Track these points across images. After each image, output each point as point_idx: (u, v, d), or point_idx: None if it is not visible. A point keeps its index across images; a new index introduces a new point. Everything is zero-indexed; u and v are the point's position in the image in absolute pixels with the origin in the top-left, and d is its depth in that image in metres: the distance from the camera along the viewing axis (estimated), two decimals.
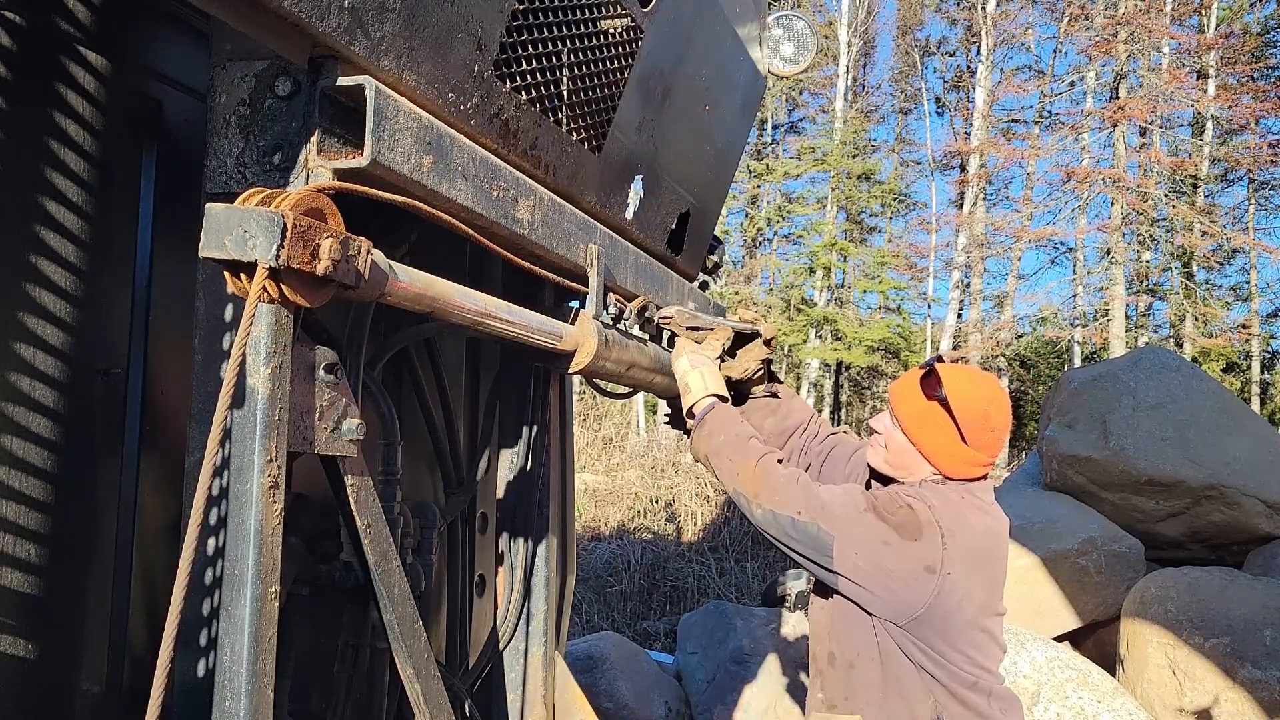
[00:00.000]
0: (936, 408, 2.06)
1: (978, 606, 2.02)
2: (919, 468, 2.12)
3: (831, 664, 2.15)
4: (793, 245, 26.83)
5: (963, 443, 2.05)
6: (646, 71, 2.19)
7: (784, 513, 2.02)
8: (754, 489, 2.07)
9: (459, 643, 2.28)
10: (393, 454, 1.79)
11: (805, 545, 2.01)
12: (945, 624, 1.99)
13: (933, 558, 1.94)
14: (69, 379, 1.48)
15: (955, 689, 2.00)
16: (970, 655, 2.02)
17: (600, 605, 9.29)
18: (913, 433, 2.10)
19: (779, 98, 26.86)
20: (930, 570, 1.94)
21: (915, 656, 2.01)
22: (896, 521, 1.97)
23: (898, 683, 2.02)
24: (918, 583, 1.95)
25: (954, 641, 2.01)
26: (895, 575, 1.95)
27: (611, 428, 16.70)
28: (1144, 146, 21.87)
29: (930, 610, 1.96)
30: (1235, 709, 5.04)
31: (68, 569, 1.49)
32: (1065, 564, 5.96)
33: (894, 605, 1.98)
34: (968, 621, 2.02)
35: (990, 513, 2.09)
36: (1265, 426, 7.03)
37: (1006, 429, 2.13)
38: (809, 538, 1.99)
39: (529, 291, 2.25)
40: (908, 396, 2.13)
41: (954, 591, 1.96)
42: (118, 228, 1.58)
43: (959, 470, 2.09)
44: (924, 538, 1.95)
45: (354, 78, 1.33)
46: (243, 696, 1.22)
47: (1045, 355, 25.52)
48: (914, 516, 1.97)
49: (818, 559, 2.01)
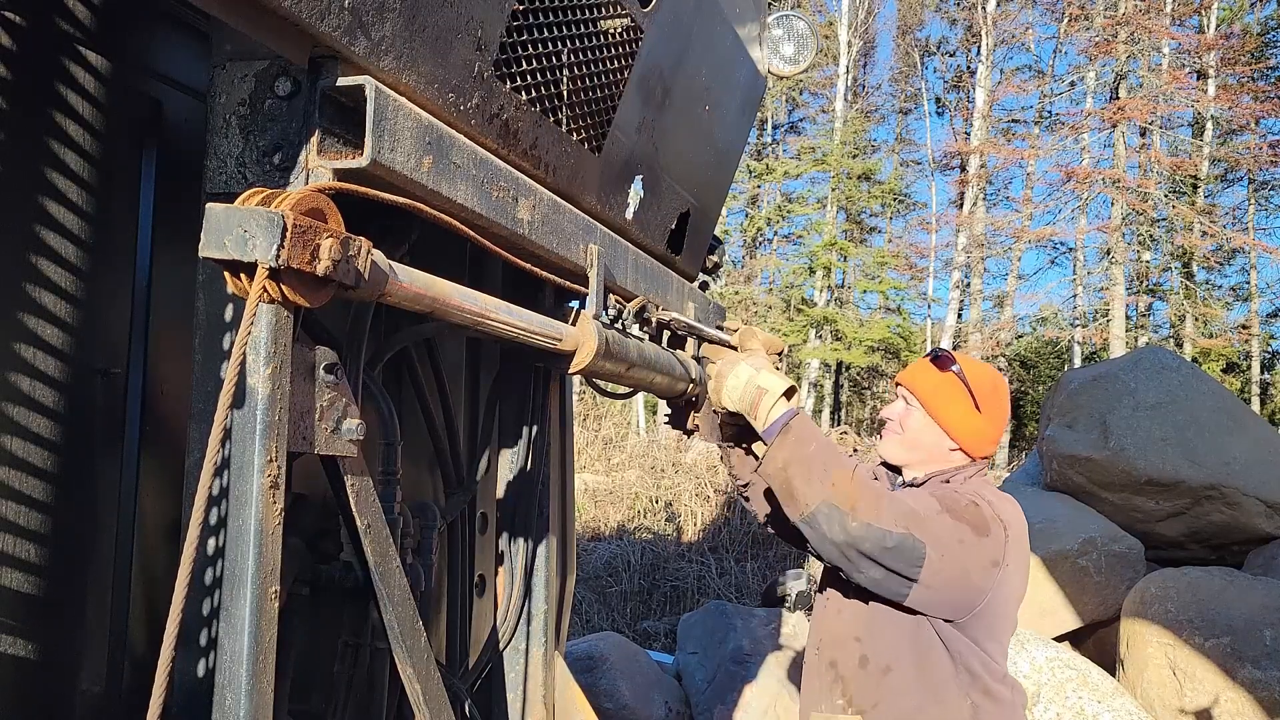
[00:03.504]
0: (952, 378, 2.17)
1: (1018, 596, 2.09)
2: (939, 445, 2.17)
3: (863, 667, 2.09)
4: (793, 245, 26.86)
5: (977, 411, 2.14)
6: (646, 72, 2.19)
7: (880, 525, 1.88)
8: (852, 501, 1.90)
9: (459, 643, 2.28)
10: (393, 454, 1.79)
11: (896, 559, 1.89)
12: (995, 616, 2.03)
13: (997, 552, 1.99)
14: (69, 379, 1.48)
15: (990, 685, 2.02)
16: (1003, 645, 2.09)
17: (600, 605, 9.29)
18: (932, 405, 2.17)
19: (779, 98, 26.86)
20: (995, 564, 1.98)
21: (961, 655, 2.00)
22: (969, 519, 1.99)
23: (934, 688, 2.01)
24: (983, 577, 1.97)
25: (997, 634, 2.06)
26: (970, 573, 1.97)
27: (611, 428, 16.70)
28: (1144, 147, 21.88)
29: (988, 604, 1.99)
30: (1235, 709, 5.04)
31: (68, 569, 1.49)
32: (1065, 564, 5.96)
33: (959, 603, 1.98)
34: (1010, 611, 2.08)
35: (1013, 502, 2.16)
36: (1265, 427, 7.03)
37: (1009, 405, 2.26)
38: (903, 550, 1.89)
39: (529, 291, 2.25)
40: (923, 374, 2.22)
41: (1007, 583, 2.01)
42: (118, 228, 1.58)
43: (976, 445, 2.17)
44: (992, 533, 1.99)
45: (354, 78, 1.33)
46: (243, 696, 1.22)
47: (1045, 355, 25.54)
48: (980, 513, 2.00)
49: (904, 571, 1.91)
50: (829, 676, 2.15)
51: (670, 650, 7.20)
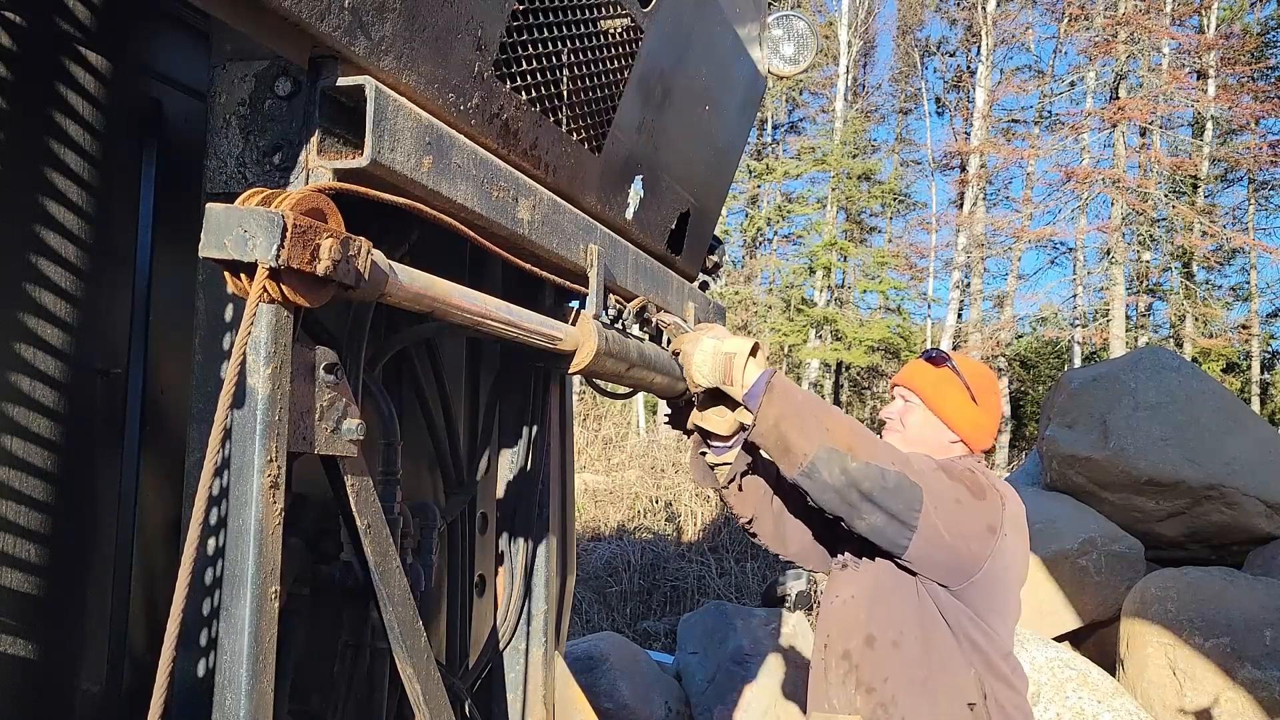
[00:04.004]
0: (948, 373, 2.24)
1: (1018, 574, 2.12)
2: (940, 438, 2.22)
3: (871, 646, 2.09)
4: (793, 245, 26.85)
5: (974, 404, 2.21)
6: (646, 72, 2.19)
7: (878, 464, 1.90)
8: (849, 442, 1.92)
9: (459, 643, 2.28)
10: (393, 454, 1.79)
11: (895, 499, 1.91)
12: (994, 587, 2.04)
13: (994, 517, 2.02)
14: (69, 379, 1.48)
15: (993, 660, 2.04)
16: (1008, 623, 2.11)
17: (600, 605, 9.29)
18: (933, 399, 2.22)
19: (779, 98, 26.86)
20: (992, 530, 2.01)
21: (961, 625, 2.02)
22: (966, 482, 2.03)
23: (942, 658, 2.02)
24: (980, 543, 2.00)
25: (998, 607, 2.07)
26: (965, 535, 1.99)
27: (611, 428, 16.71)
28: (1144, 147, 21.87)
29: (985, 572, 2.01)
30: (1235, 709, 5.04)
31: (68, 569, 1.49)
32: (1065, 564, 5.96)
33: (956, 566, 2.00)
34: (1010, 587, 2.10)
35: (1011, 488, 2.20)
36: (1265, 427, 7.03)
37: (1001, 400, 2.37)
38: (902, 490, 1.90)
39: (529, 291, 2.25)
40: (919, 372, 2.28)
41: (1005, 553, 2.03)
42: (118, 228, 1.58)
43: (975, 437, 2.23)
44: (988, 498, 2.03)
45: (354, 78, 1.33)
46: (243, 696, 1.22)
47: (1045, 355, 25.53)
48: (976, 479, 2.06)
49: (902, 515, 1.92)
50: (843, 668, 2.14)
51: (670, 650, 7.20)
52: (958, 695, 2.00)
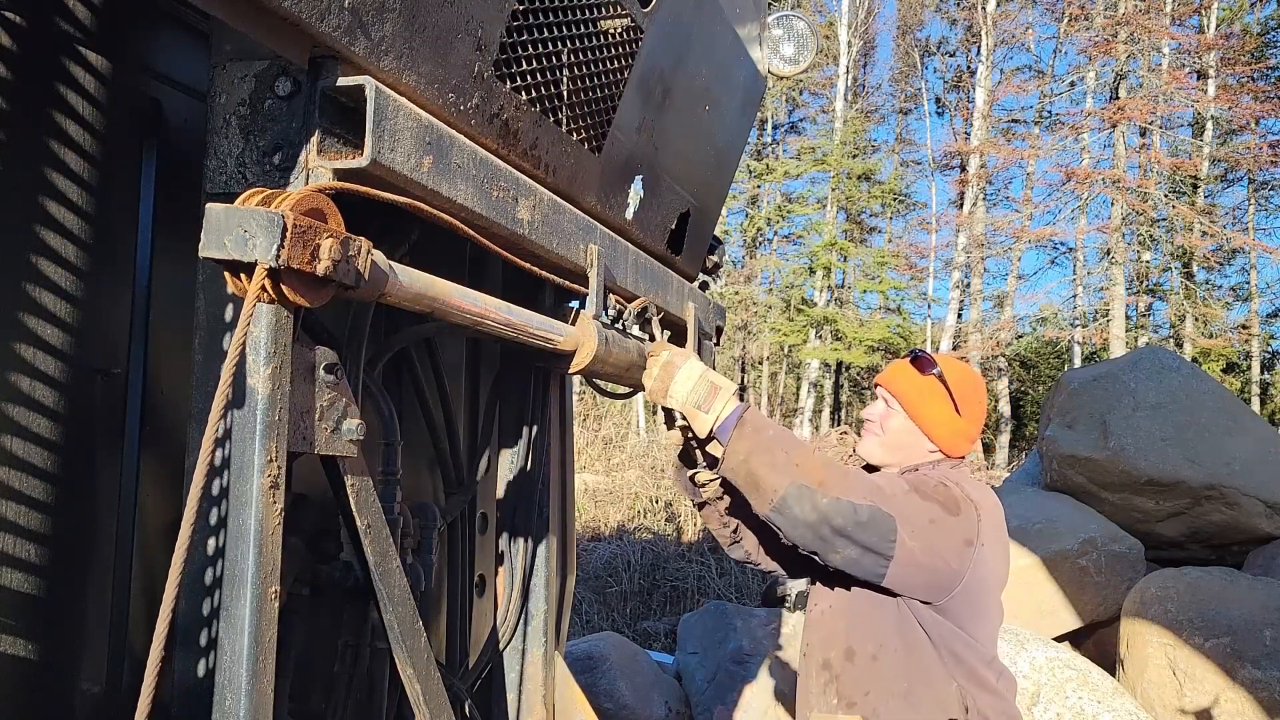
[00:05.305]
0: (934, 381, 2.18)
1: (998, 579, 2.10)
2: (918, 446, 2.19)
3: (850, 660, 2.09)
4: (793, 245, 26.87)
5: (958, 415, 2.17)
6: (646, 72, 2.19)
7: (850, 499, 1.89)
8: (819, 477, 1.90)
9: (459, 643, 2.28)
10: (393, 454, 1.79)
11: (869, 533, 1.89)
12: (975, 598, 2.03)
13: (970, 530, 2.00)
14: (69, 379, 1.48)
15: (976, 670, 2.03)
16: (990, 631, 2.09)
17: (600, 605, 9.29)
18: (914, 407, 2.18)
19: (779, 98, 26.87)
20: (969, 544, 1.99)
21: (942, 638, 2.01)
22: (939, 498, 2.00)
23: (923, 670, 2.01)
24: (958, 559, 1.98)
25: (980, 616, 2.06)
26: (943, 554, 1.97)
27: (611, 428, 16.71)
28: (1144, 147, 21.88)
29: (965, 585, 1.99)
30: (1235, 709, 5.04)
31: (68, 569, 1.49)
32: (1065, 564, 5.96)
33: (935, 585, 1.98)
34: (991, 592, 2.09)
35: (988, 489, 2.19)
36: (1265, 427, 7.03)
37: (986, 402, 2.31)
38: (875, 523, 1.89)
39: (529, 291, 2.25)
40: (903, 377, 2.23)
41: (984, 563, 2.02)
42: (118, 228, 1.58)
43: (955, 445, 2.19)
44: (963, 512, 2.00)
45: (354, 78, 1.33)
46: (243, 696, 1.22)
47: (1045, 355, 25.54)
48: (949, 493, 2.02)
49: (877, 547, 1.91)
50: (823, 678, 2.15)
51: (670, 650, 7.20)
52: (939, 708, 1.99)
